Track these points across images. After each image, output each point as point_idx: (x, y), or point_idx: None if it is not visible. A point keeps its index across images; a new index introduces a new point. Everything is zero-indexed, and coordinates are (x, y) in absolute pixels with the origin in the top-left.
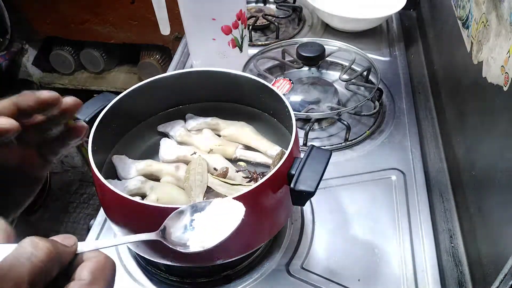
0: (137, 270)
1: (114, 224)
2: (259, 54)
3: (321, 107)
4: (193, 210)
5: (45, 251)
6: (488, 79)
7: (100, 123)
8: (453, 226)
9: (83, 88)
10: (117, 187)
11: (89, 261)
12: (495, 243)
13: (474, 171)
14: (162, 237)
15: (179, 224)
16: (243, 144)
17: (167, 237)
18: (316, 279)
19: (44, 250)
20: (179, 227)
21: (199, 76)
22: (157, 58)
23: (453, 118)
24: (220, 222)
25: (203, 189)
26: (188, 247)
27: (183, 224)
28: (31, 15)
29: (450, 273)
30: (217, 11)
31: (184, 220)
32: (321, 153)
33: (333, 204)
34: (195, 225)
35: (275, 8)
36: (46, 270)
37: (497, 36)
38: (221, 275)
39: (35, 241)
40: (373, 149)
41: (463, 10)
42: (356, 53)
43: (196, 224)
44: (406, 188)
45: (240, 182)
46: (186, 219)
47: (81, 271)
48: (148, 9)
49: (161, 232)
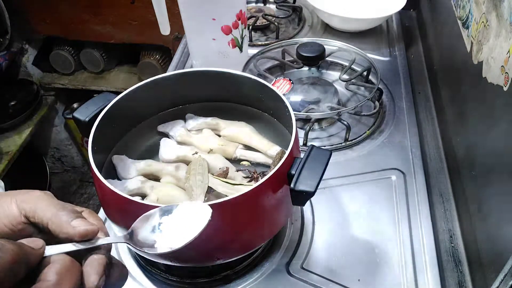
0: (137, 270)
1: (114, 224)
2: (259, 54)
3: (321, 107)
4: (161, 213)
5: (11, 253)
6: (488, 79)
7: (100, 123)
8: (453, 226)
9: (83, 88)
10: (117, 187)
11: (55, 263)
12: (495, 243)
13: (474, 171)
14: (130, 239)
15: (147, 227)
16: (243, 144)
17: (135, 239)
18: (316, 279)
19: (10, 252)
20: (147, 229)
21: (199, 76)
22: (157, 58)
23: (453, 118)
24: (187, 225)
25: (204, 190)
26: (156, 249)
27: (151, 226)
28: (31, 15)
29: (450, 273)
30: (217, 11)
31: (152, 223)
32: (321, 153)
33: (333, 204)
34: (163, 228)
35: (275, 8)
36: (12, 271)
37: (497, 36)
38: (221, 275)
39: (2, 244)
40: (373, 149)
41: (463, 10)
42: (356, 53)
43: (164, 227)
44: (406, 188)
45: (241, 181)
46: (154, 222)
47: (47, 272)
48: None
49: (128, 235)
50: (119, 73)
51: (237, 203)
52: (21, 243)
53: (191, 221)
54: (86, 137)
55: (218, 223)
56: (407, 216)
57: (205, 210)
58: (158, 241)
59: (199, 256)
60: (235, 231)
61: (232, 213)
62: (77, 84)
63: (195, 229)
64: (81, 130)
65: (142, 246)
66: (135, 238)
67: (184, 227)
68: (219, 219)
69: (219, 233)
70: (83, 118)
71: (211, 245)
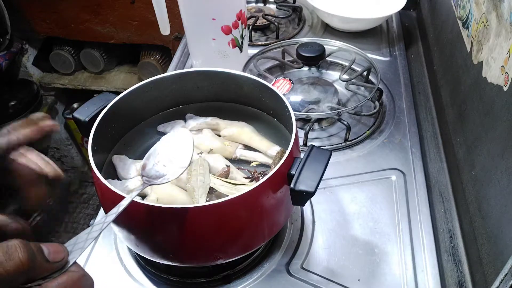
0: (137, 270)
1: (114, 224)
2: (259, 54)
3: (321, 107)
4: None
5: (16, 262)
6: (488, 79)
7: (100, 123)
8: (453, 226)
9: (83, 88)
10: (117, 187)
11: (63, 275)
12: (495, 243)
13: (474, 171)
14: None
15: (152, 169)
16: (243, 144)
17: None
18: (316, 279)
19: (16, 261)
20: (153, 171)
21: (199, 76)
22: (157, 58)
23: (453, 118)
24: (180, 151)
25: (206, 190)
26: (167, 177)
27: (153, 167)
28: (31, 15)
29: (450, 273)
30: (217, 11)
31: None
32: (321, 153)
33: (333, 204)
34: (162, 163)
35: (275, 8)
36: (8, 280)
37: (497, 36)
38: (221, 275)
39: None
40: (373, 149)
41: (463, 10)
42: (356, 53)
43: (163, 162)
44: (406, 188)
45: (242, 181)
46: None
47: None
48: (148, 9)
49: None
50: (119, 73)
51: (237, 203)
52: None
53: (180, 148)
54: (86, 137)
55: (218, 223)
56: (407, 216)
57: (184, 133)
58: (166, 172)
59: (199, 256)
60: (235, 231)
61: (232, 213)
62: (77, 84)
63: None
64: (81, 130)
65: (157, 178)
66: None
67: (178, 154)
68: (219, 219)
69: (219, 233)
70: (83, 118)
71: (211, 245)
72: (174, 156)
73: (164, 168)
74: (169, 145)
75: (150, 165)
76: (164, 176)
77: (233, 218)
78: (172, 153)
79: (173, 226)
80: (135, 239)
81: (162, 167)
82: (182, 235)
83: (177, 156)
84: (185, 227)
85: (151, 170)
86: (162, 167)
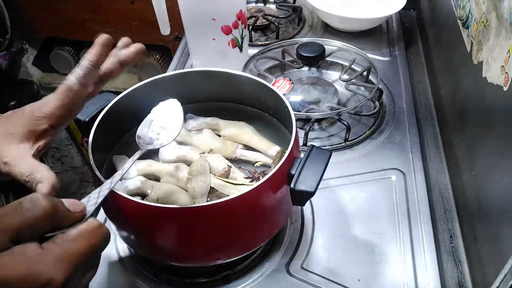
0: (137, 270)
1: (114, 224)
2: (259, 54)
3: (321, 107)
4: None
5: (42, 209)
6: (488, 79)
7: (100, 123)
8: (453, 226)
9: None
10: (117, 187)
11: (82, 224)
12: (495, 243)
13: (474, 171)
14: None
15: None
16: (243, 144)
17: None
18: (316, 279)
19: (41, 208)
20: (147, 137)
21: (199, 76)
22: (157, 58)
23: (453, 118)
24: (171, 119)
25: (207, 190)
26: (161, 142)
27: (147, 133)
28: (31, 15)
29: (450, 273)
30: (217, 11)
31: (147, 131)
32: (321, 153)
33: (333, 204)
34: (156, 131)
35: (275, 8)
36: (35, 226)
37: (497, 36)
38: (221, 275)
39: (38, 198)
40: (373, 149)
41: (463, 10)
42: (356, 53)
43: (157, 130)
44: (406, 188)
45: (242, 181)
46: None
47: (71, 230)
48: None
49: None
50: None
51: (237, 203)
52: (58, 203)
53: (171, 116)
54: (86, 137)
55: (218, 223)
56: (407, 216)
57: (173, 103)
58: (160, 137)
59: (199, 256)
60: (235, 231)
61: (232, 213)
62: None
63: (178, 118)
64: (81, 130)
65: (151, 142)
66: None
67: (170, 122)
68: (219, 219)
69: (219, 233)
70: (83, 118)
71: (211, 245)
72: (166, 123)
73: (158, 135)
74: (161, 114)
75: (144, 131)
76: (157, 141)
77: (233, 218)
78: (164, 121)
79: (174, 226)
80: (135, 239)
81: (155, 134)
82: (182, 235)
83: (169, 123)
84: (185, 227)
85: (145, 136)
86: (156, 134)
